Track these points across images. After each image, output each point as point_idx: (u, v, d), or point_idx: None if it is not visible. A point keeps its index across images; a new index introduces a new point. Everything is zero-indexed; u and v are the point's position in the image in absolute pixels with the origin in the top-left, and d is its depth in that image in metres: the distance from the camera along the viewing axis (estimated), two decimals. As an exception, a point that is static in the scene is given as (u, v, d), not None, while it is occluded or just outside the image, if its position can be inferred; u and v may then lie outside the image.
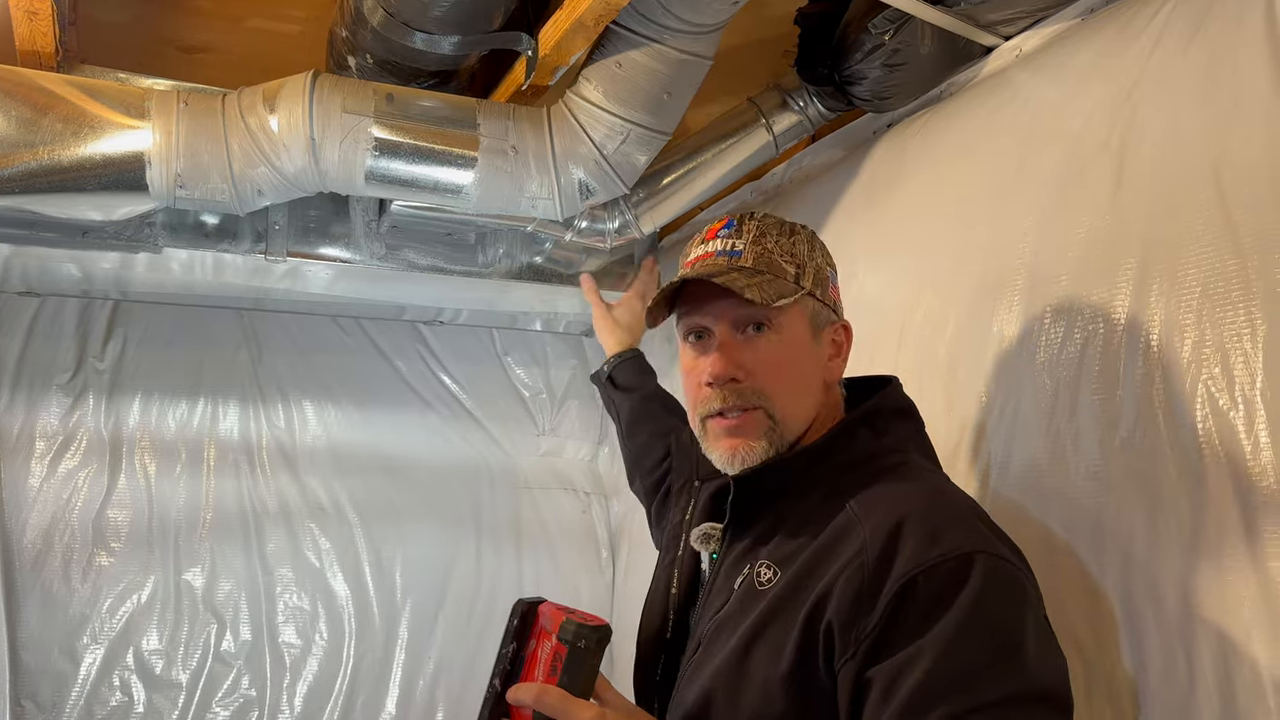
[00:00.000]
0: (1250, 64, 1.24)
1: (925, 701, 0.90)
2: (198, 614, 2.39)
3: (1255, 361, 1.16)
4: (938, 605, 0.94)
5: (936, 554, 0.97)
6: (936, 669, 0.91)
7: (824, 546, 1.06)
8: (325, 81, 1.75)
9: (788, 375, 1.18)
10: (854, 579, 0.99)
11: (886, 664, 0.94)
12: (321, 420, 2.60)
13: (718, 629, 1.13)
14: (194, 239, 2.00)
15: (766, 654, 1.04)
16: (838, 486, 1.12)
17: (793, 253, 1.21)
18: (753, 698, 1.03)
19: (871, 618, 0.96)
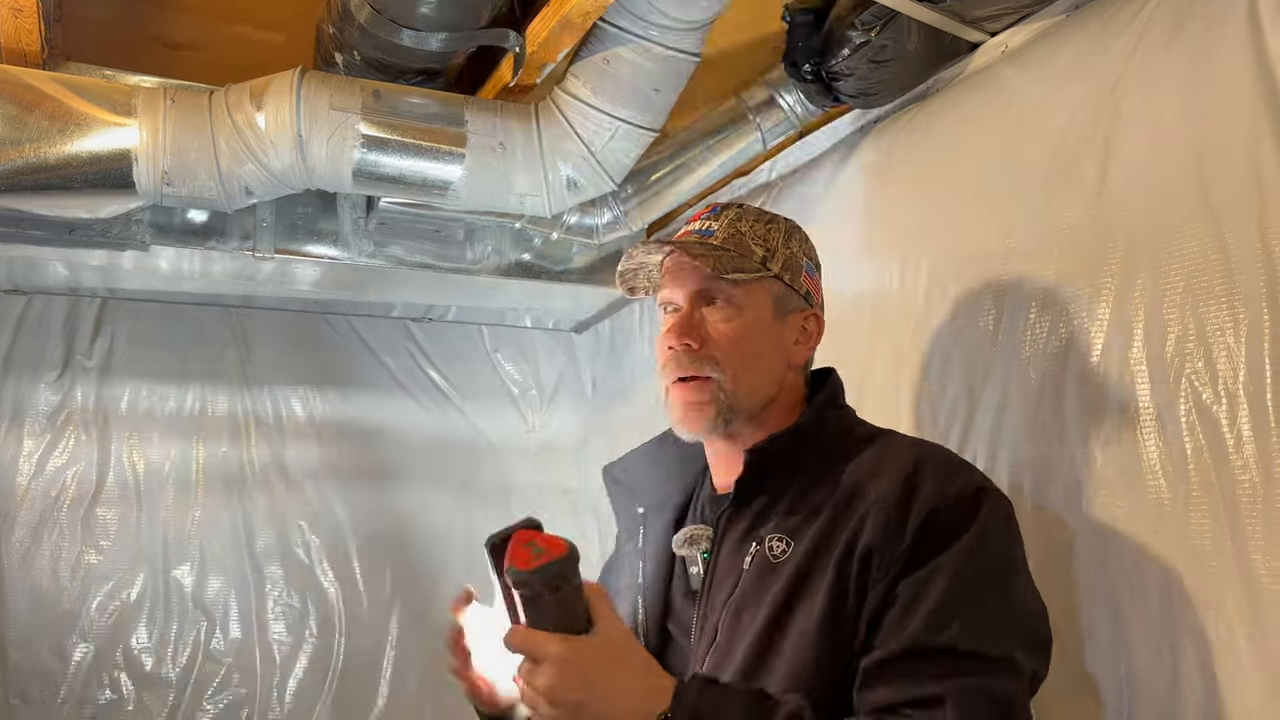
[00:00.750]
0: (1232, 61, 1.25)
1: (945, 613, 1.02)
2: (187, 611, 2.39)
3: (1238, 356, 1.17)
4: (953, 532, 1.05)
5: (954, 489, 1.08)
6: (955, 585, 1.02)
7: (838, 507, 1.12)
8: (312, 78, 1.74)
9: (742, 349, 1.22)
10: (880, 516, 1.07)
11: (911, 580, 1.04)
12: (310, 418, 2.59)
13: (737, 611, 1.14)
14: (181, 236, 2.00)
15: (803, 610, 1.08)
16: (824, 462, 1.18)
17: (765, 238, 1.26)
18: (790, 652, 1.07)
19: (901, 544, 1.05)
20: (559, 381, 3.00)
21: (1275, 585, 1.09)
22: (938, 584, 1.03)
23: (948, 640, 1.01)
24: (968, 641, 1.01)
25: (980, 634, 1.02)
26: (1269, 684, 1.08)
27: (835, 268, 1.68)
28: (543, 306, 2.55)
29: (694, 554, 1.24)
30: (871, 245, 1.88)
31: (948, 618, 1.01)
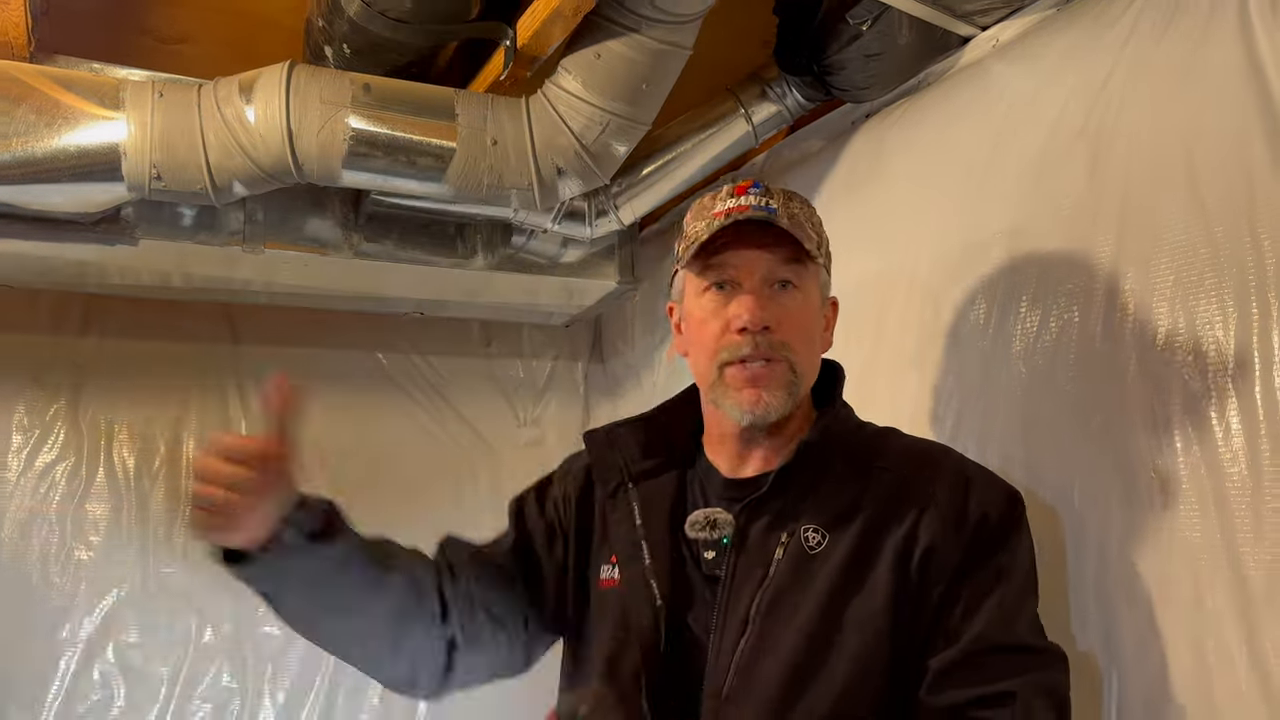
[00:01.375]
0: (1222, 57, 1.26)
1: (1007, 613, 1.09)
2: (177, 607, 2.37)
3: (1227, 349, 1.17)
4: (1006, 534, 1.14)
5: (1000, 494, 1.16)
6: (1012, 586, 1.10)
7: (883, 503, 1.15)
8: (302, 72, 1.74)
9: (809, 334, 1.24)
10: (937, 517, 1.12)
11: (971, 581, 1.10)
12: (302, 412, 2.58)
13: (775, 600, 1.13)
14: (171, 231, 1.98)
15: (859, 603, 1.11)
16: (848, 456, 1.21)
17: (813, 221, 1.26)
18: (851, 644, 1.09)
19: (959, 545, 1.11)
20: (551, 376, 2.99)
21: (1259, 573, 1.10)
22: (999, 585, 1.10)
23: (1014, 638, 1.08)
24: (1030, 637, 1.10)
25: (1036, 630, 1.12)
26: (1257, 679, 1.09)
27: (827, 262, 1.69)
28: (534, 301, 2.54)
29: (712, 538, 1.22)
30: (863, 239, 1.88)
31: (1011, 616, 1.09)
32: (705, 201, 1.27)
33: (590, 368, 3.08)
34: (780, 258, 1.20)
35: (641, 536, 1.25)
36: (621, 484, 1.31)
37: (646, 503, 1.28)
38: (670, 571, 1.22)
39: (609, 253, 2.41)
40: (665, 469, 1.31)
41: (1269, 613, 1.09)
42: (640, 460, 1.31)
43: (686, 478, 1.31)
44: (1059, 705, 1.07)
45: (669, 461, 1.32)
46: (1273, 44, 1.20)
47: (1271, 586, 1.09)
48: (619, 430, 1.35)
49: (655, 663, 1.17)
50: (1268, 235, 1.15)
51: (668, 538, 1.24)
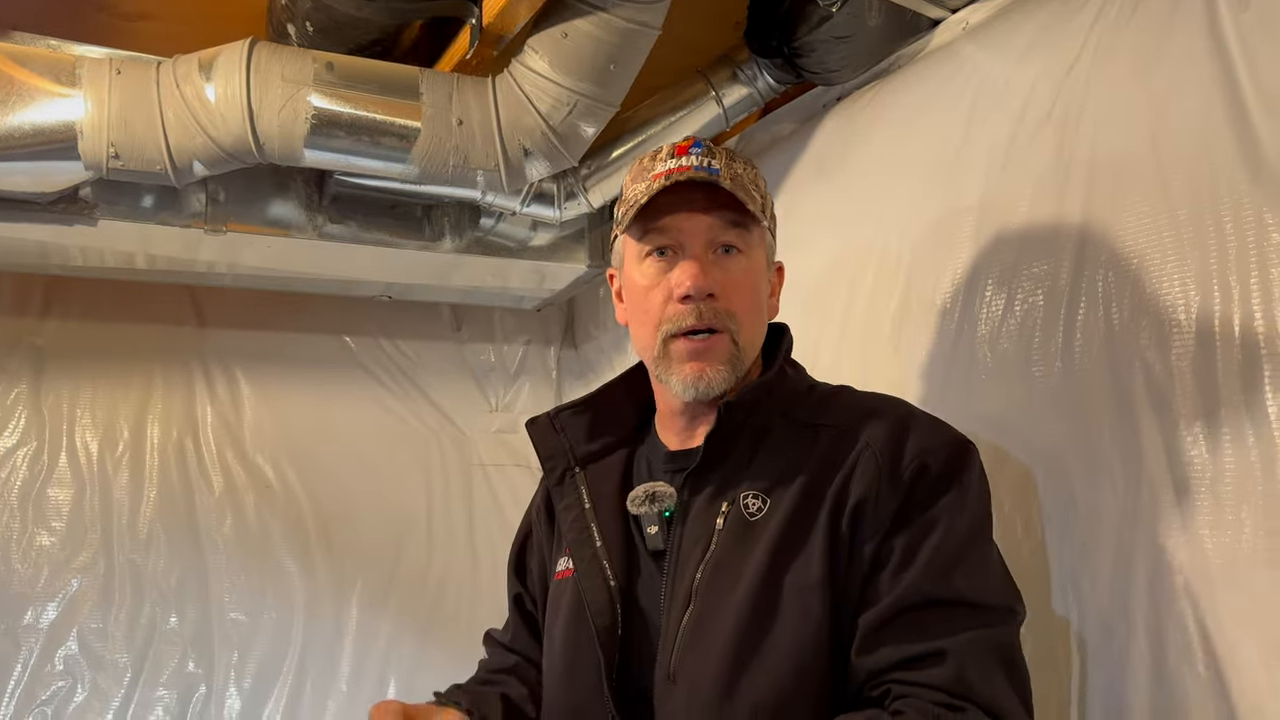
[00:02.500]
0: (1187, 40, 1.25)
1: (943, 564, 1.02)
2: (142, 593, 2.34)
3: (1189, 331, 1.17)
4: (946, 481, 1.06)
5: (941, 440, 1.09)
6: (950, 536, 1.03)
7: (821, 460, 1.10)
8: (263, 49, 1.70)
9: (753, 301, 1.18)
10: (869, 466, 1.06)
11: (905, 533, 1.03)
12: (268, 397, 2.55)
13: (715, 571, 1.09)
14: (131, 211, 1.95)
15: (798, 567, 1.05)
16: (791, 417, 1.16)
17: (756, 184, 1.20)
18: (790, 611, 1.04)
19: (895, 494, 1.04)
20: (523, 360, 2.97)
21: (1220, 560, 1.10)
22: (933, 536, 1.02)
23: (951, 591, 1.01)
24: (971, 591, 1.01)
25: (982, 584, 1.03)
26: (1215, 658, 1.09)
27: (796, 243, 1.68)
28: (505, 284, 2.52)
29: (653, 512, 1.18)
30: (834, 221, 1.87)
31: (948, 568, 1.01)
32: (645, 162, 1.21)
33: (563, 352, 3.06)
34: (724, 221, 1.15)
35: (590, 520, 1.22)
36: (568, 469, 1.27)
37: (594, 485, 1.24)
38: (623, 552, 1.19)
39: (579, 236, 2.39)
40: (613, 449, 1.27)
41: (1227, 594, 1.09)
42: (585, 443, 1.27)
43: (634, 456, 1.27)
44: (1002, 664, 0.99)
45: (617, 442, 1.28)
46: (1237, 28, 1.19)
47: (1229, 567, 1.09)
48: (563, 414, 1.30)
49: (613, 647, 1.14)
50: (1230, 219, 1.15)
51: (617, 518, 1.21)
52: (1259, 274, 1.11)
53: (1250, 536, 1.08)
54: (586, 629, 1.15)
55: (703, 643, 1.07)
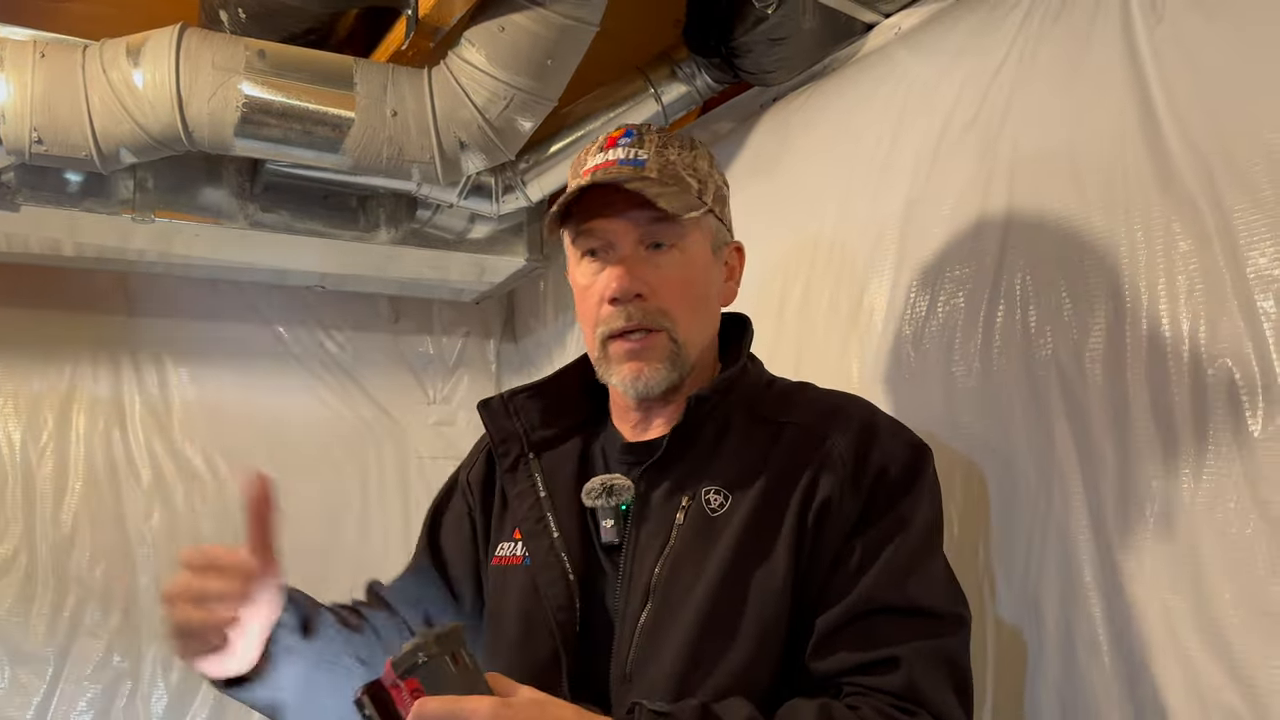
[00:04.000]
0: (1105, 50, 1.29)
1: (896, 571, 1.02)
2: (65, 586, 2.30)
3: (1100, 337, 1.21)
4: (905, 485, 1.06)
5: (900, 445, 1.09)
6: (905, 542, 1.03)
7: (785, 459, 1.09)
8: (193, 35, 1.68)
9: (691, 295, 1.14)
10: (838, 469, 1.05)
11: (862, 537, 1.03)
12: (198, 386, 2.51)
13: (674, 568, 1.06)
14: (56, 197, 1.91)
15: (763, 567, 1.03)
16: (753, 412, 1.14)
17: (694, 167, 1.15)
18: (755, 610, 1.02)
19: (857, 499, 1.04)
20: (462, 353, 2.96)
21: (1125, 556, 1.14)
22: (893, 541, 1.02)
23: (905, 598, 1.00)
24: (926, 599, 1.02)
25: (936, 591, 1.03)
26: (1121, 652, 1.13)
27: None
28: (444, 276, 2.51)
29: (609, 505, 1.13)
30: (770, 221, 1.89)
31: (904, 575, 1.01)
32: (580, 155, 1.18)
33: (503, 345, 3.05)
34: (651, 217, 1.09)
35: (547, 509, 1.17)
36: (521, 455, 1.21)
37: (550, 473, 1.20)
38: (580, 545, 1.14)
39: (518, 229, 2.39)
40: (568, 436, 1.23)
41: (1133, 589, 1.13)
42: (540, 428, 1.22)
43: (590, 444, 1.23)
44: (952, 674, 0.99)
45: (572, 427, 1.24)
46: (1151, 40, 1.23)
47: (1136, 565, 1.13)
48: (517, 397, 1.24)
49: (572, 643, 1.10)
50: (1141, 227, 1.19)
51: (574, 509, 1.16)
52: (1166, 280, 1.15)
53: (1154, 533, 1.12)
54: (544, 624, 1.11)
55: (660, 642, 1.04)
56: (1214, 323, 1.09)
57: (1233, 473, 1.05)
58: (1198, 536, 1.07)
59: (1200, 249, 1.12)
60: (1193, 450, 1.09)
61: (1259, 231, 1.06)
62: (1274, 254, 1.04)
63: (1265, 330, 1.04)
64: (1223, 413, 1.07)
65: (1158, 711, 1.08)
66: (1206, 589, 1.05)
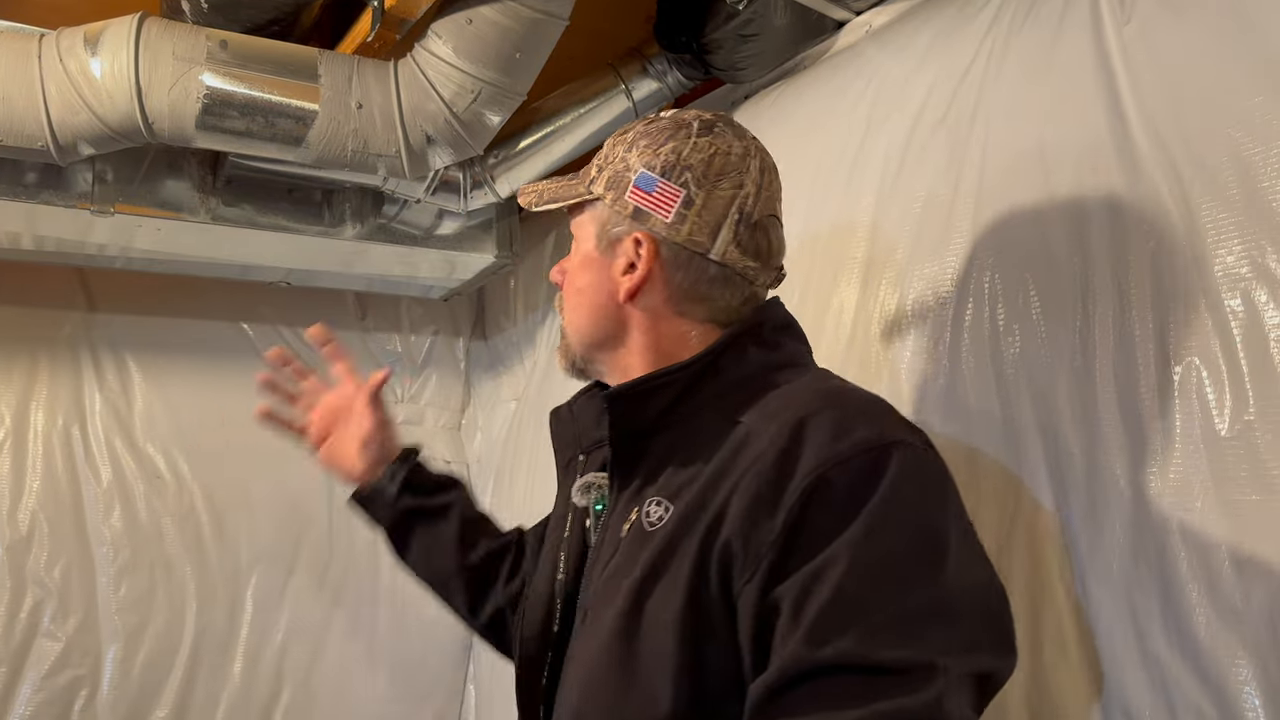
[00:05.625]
0: (1074, 49, 1.29)
1: (840, 616, 0.78)
2: (22, 587, 2.25)
3: (1070, 335, 1.20)
4: (850, 504, 0.82)
5: (847, 446, 0.85)
6: (851, 577, 0.79)
7: (720, 466, 0.92)
8: (153, 25, 1.64)
9: (572, 287, 1.11)
10: (751, 485, 0.86)
11: (794, 578, 0.81)
12: (160, 384, 2.47)
13: (606, 585, 0.97)
14: (11, 189, 1.86)
15: (662, 594, 0.89)
16: (731, 404, 0.98)
17: (609, 154, 1.08)
18: (649, 646, 0.88)
19: (773, 525, 0.83)
20: (430, 350, 2.93)
21: (1092, 556, 1.14)
22: (830, 577, 0.80)
23: (836, 655, 0.77)
24: (884, 649, 0.77)
25: (885, 640, 0.78)
26: (1087, 652, 1.13)
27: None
28: (411, 273, 2.48)
29: (588, 504, 1.08)
30: (737, 219, 1.88)
31: (839, 624, 0.78)
32: None
33: (472, 344, 3.02)
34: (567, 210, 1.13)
35: (568, 528, 1.13)
36: (574, 457, 1.17)
37: (587, 470, 1.14)
38: (581, 542, 1.10)
39: (487, 226, 2.36)
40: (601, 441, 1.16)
41: (1099, 589, 1.12)
42: (594, 429, 1.13)
43: None
44: None
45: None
46: (1120, 40, 1.23)
47: (1103, 564, 1.12)
48: (579, 399, 1.19)
49: (552, 641, 1.07)
50: (1108, 225, 1.18)
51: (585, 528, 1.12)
52: (1135, 279, 1.14)
53: (1121, 532, 1.11)
54: (533, 619, 1.11)
55: (574, 668, 0.99)
56: (1181, 321, 1.09)
57: (1200, 472, 1.04)
58: (1165, 536, 1.06)
59: (1168, 247, 1.11)
60: (1160, 449, 1.08)
61: (1226, 230, 1.06)
62: (1241, 252, 1.04)
63: (1233, 329, 1.04)
64: (1190, 412, 1.06)
65: (1125, 712, 1.07)
66: (1174, 589, 1.05)
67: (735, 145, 1.06)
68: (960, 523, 0.88)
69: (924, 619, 0.80)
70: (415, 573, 1.43)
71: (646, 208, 1.04)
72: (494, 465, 2.76)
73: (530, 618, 1.13)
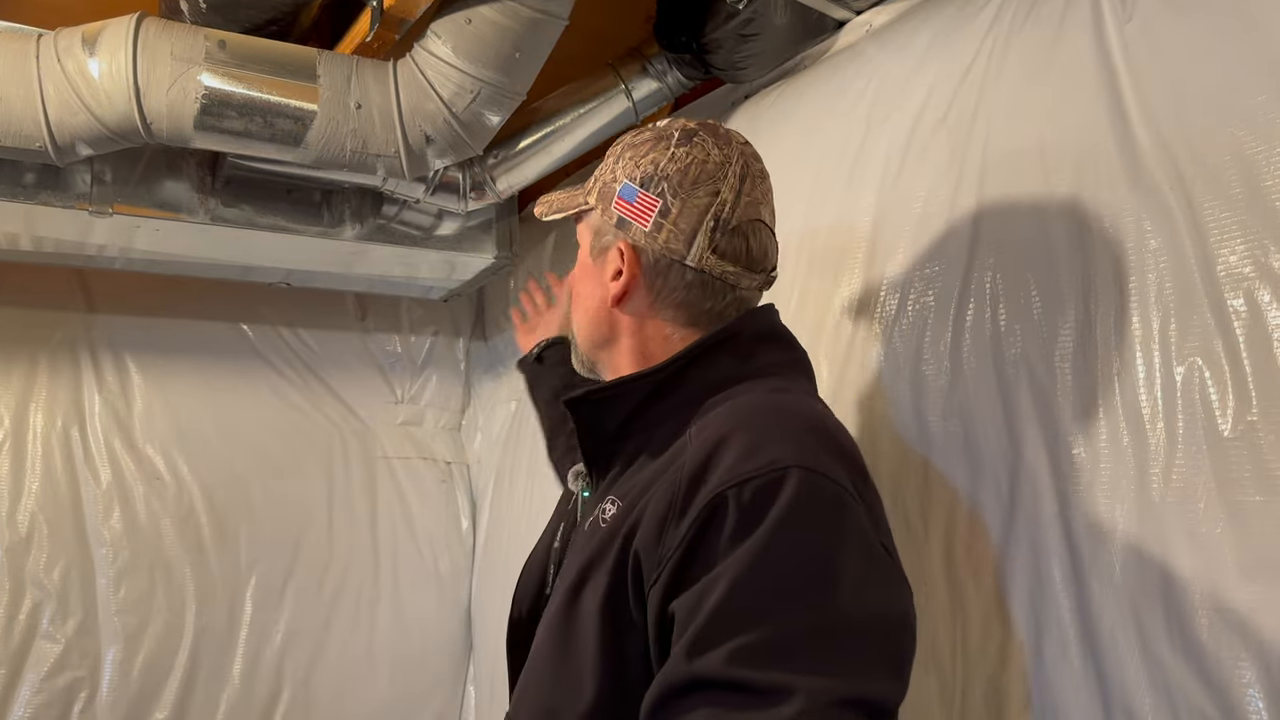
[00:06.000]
0: (1075, 47, 1.28)
1: (716, 631, 0.80)
2: (21, 588, 2.25)
3: (1070, 334, 1.20)
4: (743, 525, 0.84)
5: (750, 468, 0.86)
6: (732, 595, 0.81)
7: (658, 472, 0.96)
8: (151, 25, 1.64)
9: (574, 292, 1.19)
10: (664, 498, 0.90)
11: (686, 595, 0.84)
12: (160, 386, 2.47)
13: (566, 572, 1.03)
14: (10, 190, 1.85)
15: (593, 586, 0.94)
16: (690, 413, 1.01)
17: (605, 165, 1.13)
18: (576, 641, 0.93)
19: (676, 536, 0.86)
20: (430, 351, 2.93)
21: (1094, 557, 1.13)
22: (714, 594, 0.81)
23: (704, 669, 0.79)
24: (731, 671, 0.78)
25: (751, 659, 0.79)
26: (1090, 652, 1.12)
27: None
28: (411, 274, 2.47)
29: (578, 491, 1.14)
30: (737, 219, 1.87)
31: (714, 640, 0.80)
32: None
33: (472, 344, 3.02)
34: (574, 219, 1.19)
35: (570, 503, 1.21)
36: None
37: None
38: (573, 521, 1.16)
39: (487, 226, 2.36)
40: None
41: (1102, 589, 1.12)
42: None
43: None
44: None
45: None
46: (1121, 38, 1.22)
47: (1106, 565, 1.12)
48: None
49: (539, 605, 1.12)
50: (1110, 224, 1.18)
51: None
52: (1137, 278, 1.14)
53: (1123, 533, 1.10)
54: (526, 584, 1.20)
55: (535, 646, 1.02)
56: (1184, 321, 1.08)
57: (1203, 472, 1.04)
58: (1167, 537, 1.06)
59: (1170, 246, 1.11)
60: (1163, 450, 1.08)
61: (1229, 229, 1.05)
62: (1244, 251, 1.03)
63: (1236, 328, 1.03)
64: (1193, 412, 1.06)
65: (1127, 713, 1.07)
66: (1176, 590, 1.04)
67: (714, 153, 1.08)
68: (860, 549, 0.87)
69: (797, 642, 0.80)
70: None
71: (628, 217, 1.08)
72: (494, 465, 2.76)
73: (525, 580, 1.20)
